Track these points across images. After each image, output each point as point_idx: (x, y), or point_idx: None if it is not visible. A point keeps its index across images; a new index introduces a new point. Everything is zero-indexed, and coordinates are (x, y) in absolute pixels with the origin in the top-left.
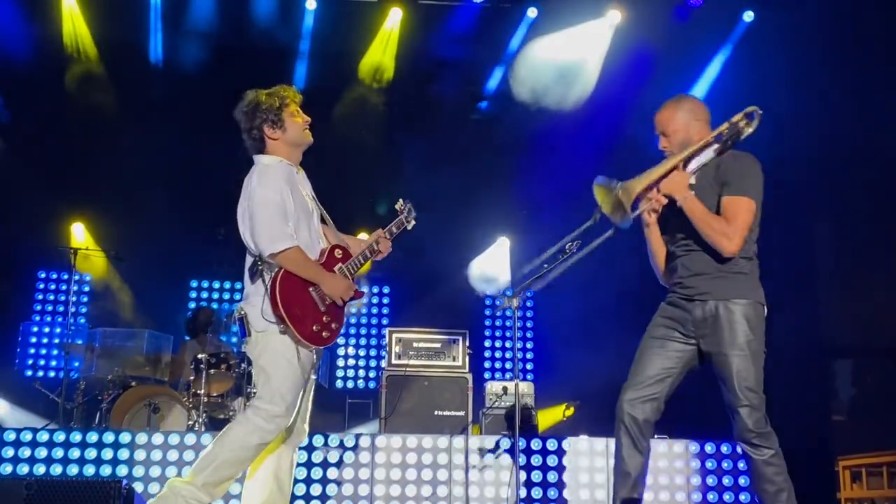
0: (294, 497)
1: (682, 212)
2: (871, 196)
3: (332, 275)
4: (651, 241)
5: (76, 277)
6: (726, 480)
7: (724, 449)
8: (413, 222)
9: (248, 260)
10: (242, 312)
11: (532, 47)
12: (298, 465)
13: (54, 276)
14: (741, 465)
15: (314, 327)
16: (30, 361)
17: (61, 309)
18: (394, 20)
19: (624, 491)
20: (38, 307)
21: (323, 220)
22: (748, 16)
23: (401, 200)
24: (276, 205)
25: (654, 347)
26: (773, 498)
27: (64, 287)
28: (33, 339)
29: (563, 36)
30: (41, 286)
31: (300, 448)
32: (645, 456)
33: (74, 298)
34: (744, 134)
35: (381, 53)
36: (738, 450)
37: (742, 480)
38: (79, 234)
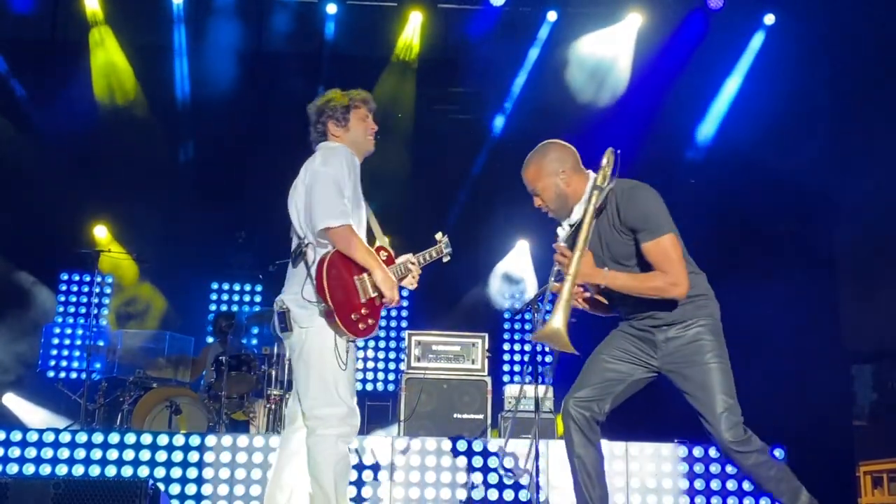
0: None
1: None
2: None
3: (384, 266)
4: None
5: (98, 279)
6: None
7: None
8: (449, 258)
9: (293, 244)
10: (284, 306)
11: (554, 50)
12: None
13: (76, 277)
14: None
15: (353, 315)
16: (52, 363)
17: (83, 310)
18: (414, 24)
19: (591, 488)
20: (61, 308)
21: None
22: (769, 19)
23: (441, 233)
24: (337, 183)
25: (609, 353)
26: (777, 485)
27: (86, 289)
28: (55, 341)
29: (587, 39)
30: (63, 287)
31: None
32: (598, 451)
33: (97, 300)
34: (611, 181)
35: (402, 57)
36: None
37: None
38: (101, 235)
